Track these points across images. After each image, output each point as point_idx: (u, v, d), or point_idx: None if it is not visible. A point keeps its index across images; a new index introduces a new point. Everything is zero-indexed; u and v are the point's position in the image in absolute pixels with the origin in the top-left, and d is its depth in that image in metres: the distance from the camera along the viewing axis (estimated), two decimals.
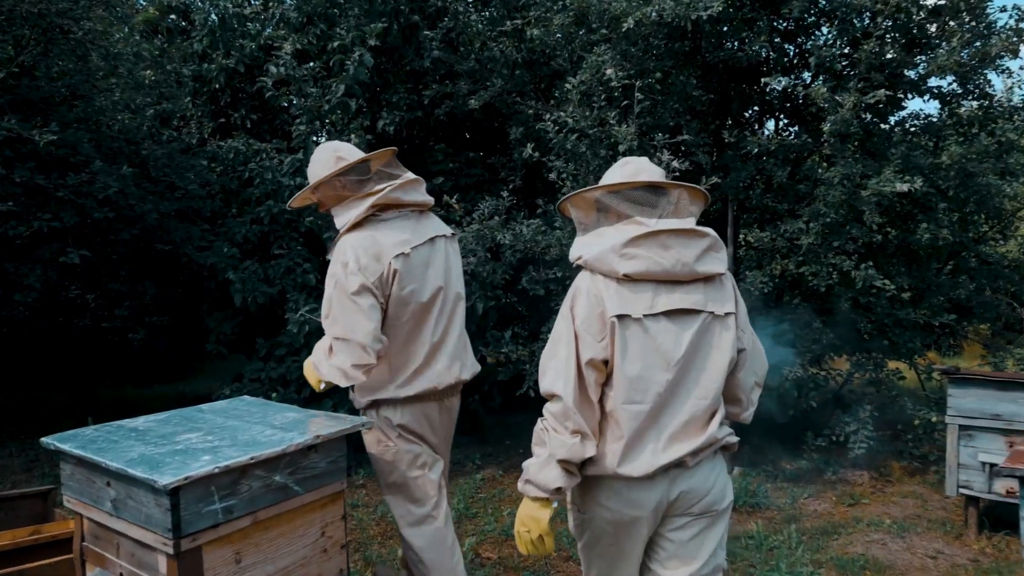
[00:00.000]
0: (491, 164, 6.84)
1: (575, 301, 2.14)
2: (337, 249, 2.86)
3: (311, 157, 3.02)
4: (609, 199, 2.17)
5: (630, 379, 2.06)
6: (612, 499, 2.15)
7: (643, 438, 2.08)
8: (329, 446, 2.56)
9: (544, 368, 2.17)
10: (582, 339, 2.09)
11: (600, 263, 2.10)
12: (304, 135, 5.94)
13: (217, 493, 2.23)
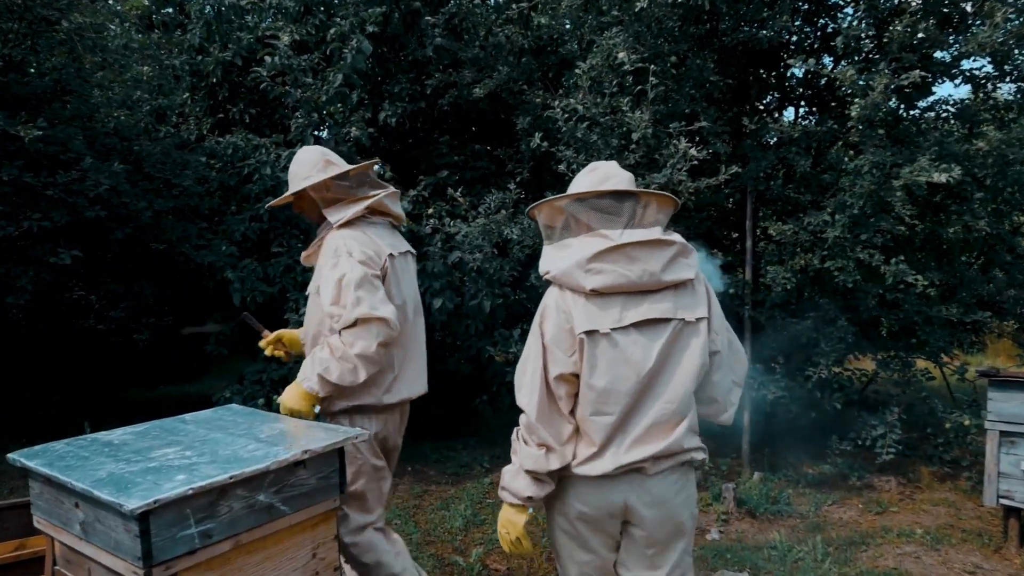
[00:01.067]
0: (497, 156, 6.61)
1: (544, 317, 2.18)
2: (334, 241, 2.82)
3: (295, 158, 3.00)
4: (575, 208, 2.17)
5: (598, 392, 2.11)
6: (578, 498, 2.22)
7: (610, 444, 2.14)
8: (319, 461, 2.33)
9: (519, 383, 2.23)
10: (552, 354, 2.14)
11: (567, 278, 2.12)
12: (302, 128, 5.72)
13: (193, 516, 2.00)
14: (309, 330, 2.96)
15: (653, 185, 4.99)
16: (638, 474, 2.15)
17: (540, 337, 2.18)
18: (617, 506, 2.19)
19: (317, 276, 2.90)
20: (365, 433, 2.46)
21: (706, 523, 4.66)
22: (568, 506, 2.26)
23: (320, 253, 2.90)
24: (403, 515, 4.86)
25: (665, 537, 2.24)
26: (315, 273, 2.94)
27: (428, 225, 5.83)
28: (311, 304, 2.96)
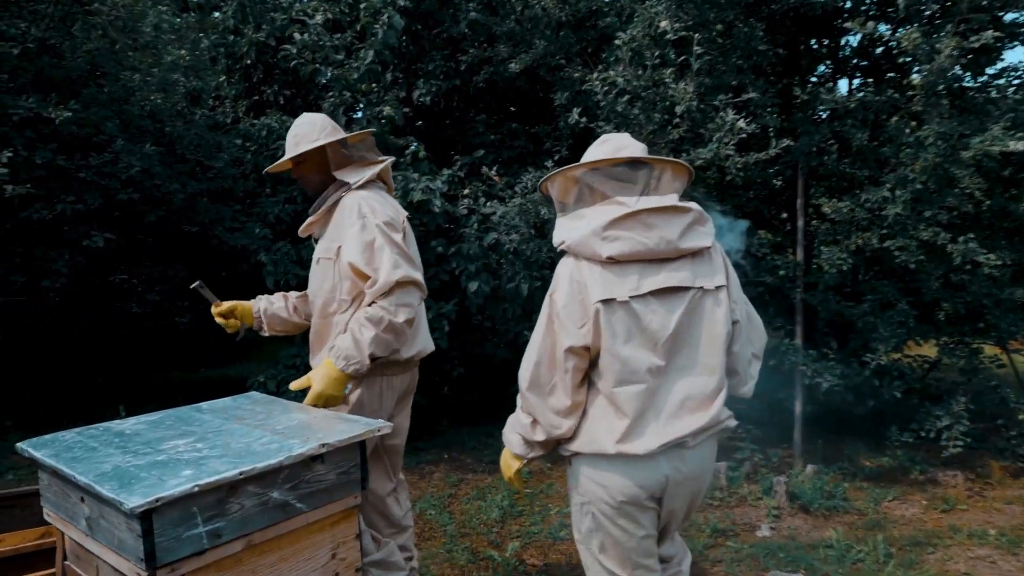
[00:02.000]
0: (535, 134, 6.40)
1: (556, 287, 2.14)
2: (354, 202, 2.71)
3: (296, 123, 2.87)
4: (590, 177, 2.13)
5: (622, 361, 2.05)
6: (612, 479, 2.13)
7: (644, 417, 2.07)
8: (338, 455, 2.17)
9: (527, 354, 2.21)
10: (562, 325, 2.09)
11: (583, 247, 2.08)
12: (335, 107, 5.57)
13: (201, 514, 1.86)
14: (318, 298, 2.80)
15: (699, 161, 4.74)
16: (679, 448, 2.11)
17: (550, 307, 2.14)
18: (660, 483, 2.13)
19: (333, 239, 2.75)
20: (388, 425, 2.29)
21: (756, 519, 4.43)
22: (607, 490, 2.15)
23: (336, 215, 2.76)
24: (438, 505, 4.71)
25: (688, 507, 2.25)
26: (326, 237, 2.79)
27: (463, 206, 5.65)
28: (322, 271, 2.78)
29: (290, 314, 3.06)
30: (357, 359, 2.54)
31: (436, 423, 6.35)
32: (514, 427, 2.33)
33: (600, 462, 2.15)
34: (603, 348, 2.07)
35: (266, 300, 3.09)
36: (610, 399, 2.10)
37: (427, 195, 5.31)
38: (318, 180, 2.85)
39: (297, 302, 3.08)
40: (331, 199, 2.79)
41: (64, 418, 5.80)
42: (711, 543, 4.11)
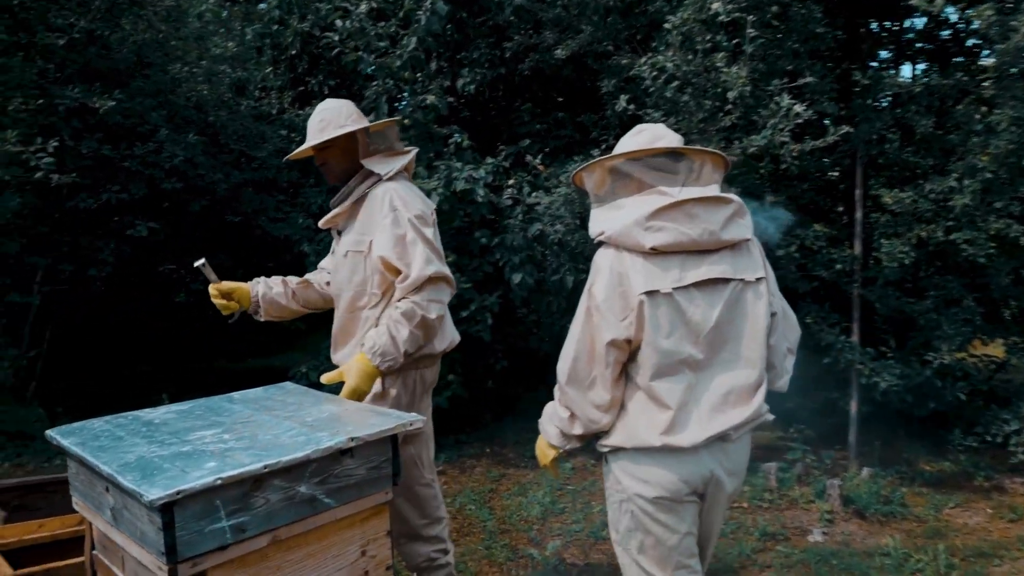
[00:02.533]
0: (581, 123, 6.24)
1: (596, 278, 2.08)
2: (385, 194, 2.63)
3: (321, 108, 2.76)
4: (630, 167, 2.09)
5: (662, 354, 2.01)
6: (657, 474, 2.07)
7: (687, 410, 2.03)
8: (368, 449, 2.08)
9: (565, 348, 2.16)
10: (603, 318, 2.04)
11: (625, 237, 2.03)
12: (378, 95, 5.51)
13: (224, 508, 1.78)
14: (345, 292, 2.72)
15: (751, 149, 4.56)
16: (721, 442, 2.08)
17: (590, 299, 2.08)
18: (704, 477, 2.08)
19: (363, 232, 2.66)
20: (421, 419, 2.19)
21: (807, 523, 4.25)
22: (649, 485, 2.09)
23: (365, 208, 2.67)
24: (478, 500, 4.62)
25: (728, 502, 2.22)
26: (354, 230, 2.70)
27: (508, 196, 5.55)
28: (351, 265, 2.69)
29: (288, 300, 2.98)
30: (393, 355, 2.50)
31: (479, 416, 6.28)
32: (551, 419, 2.28)
33: (641, 457, 2.10)
34: (645, 341, 2.02)
35: (264, 284, 2.99)
36: (649, 392, 2.06)
37: (470, 184, 5.22)
38: (342, 168, 2.74)
39: (297, 288, 2.99)
40: (359, 190, 2.70)
41: (110, 405, 5.86)
42: (760, 547, 3.95)
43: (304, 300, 2.99)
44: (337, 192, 2.82)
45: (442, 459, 5.42)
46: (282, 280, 3.00)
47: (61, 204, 5.11)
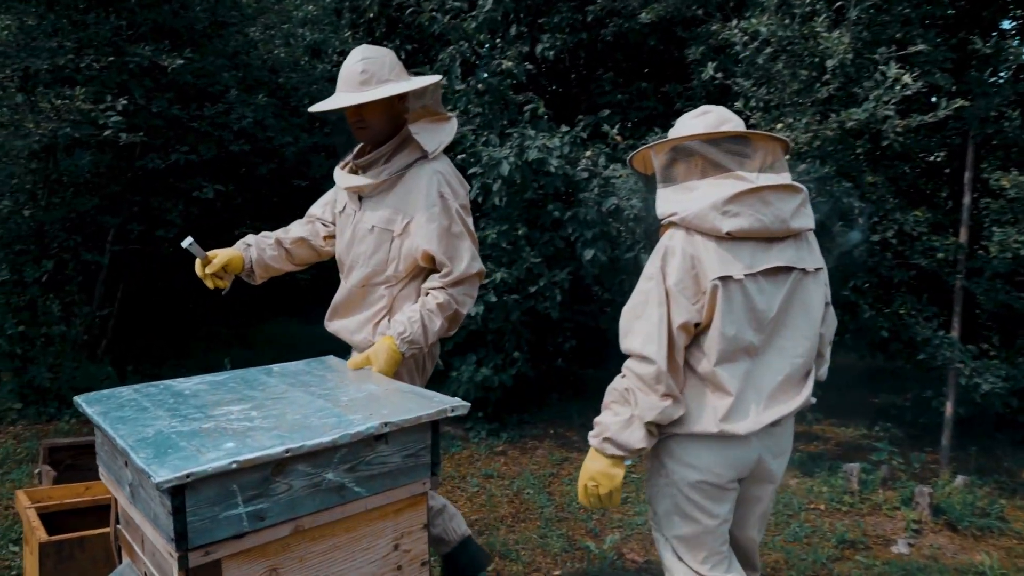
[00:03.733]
0: (665, 94, 5.91)
1: (666, 260, 2.05)
2: (432, 176, 2.45)
3: (364, 55, 2.44)
4: (706, 149, 2.08)
5: (728, 340, 2.01)
6: (705, 460, 2.07)
7: (745, 397, 2.04)
8: (405, 435, 1.90)
9: (629, 327, 2.08)
10: (675, 301, 2.02)
11: (700, 220, 2.01)
12: (451, 57, 5.31)
13: (241, 493, 1.64)
14: (360, 267, 2.54)
15: (850, 124, 4.18)
16: (772, 427, 2.08)
17: (662, 281, 2.03)
18: (752, 462, 2.11)
19: (399, 210, 2.46)
20: (465, 405, 2.00)
21: (891, 531, 3.90)
22: (697, 471, 2.08)
23: (405, 183, 2.46)
24: (537, 484, 4.44)
25: (777, 484, 2.24)
26: (387, 205, 2.47)
27: (583, 168, 5.29)
28: (375, 240, 2.50)
29: (283, 262, 2.79)
30: (420, 344, 2.42)
31: (544, 396, 6.08)
32: (626, 425, 2.05)
33: (693, 443, 2.09)
34: (713, 326, 2.02)
35: (256, 247, 2.73)
36: (710, 378, 2.05)
37: (543, 154, 4.98)
38: (381, 129, 2.48)
39: (292, 247, 2.77)
40: (399, 163, 2.47)
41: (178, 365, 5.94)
42: (836, 555, 3.65)
43: (299, 259, 2.81)
44: (362, 152, 2.60)
45: (504, 438, 5.26)
46: (276, 240, 2.76)
47: (132, 164, 5.10)
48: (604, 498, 2.13)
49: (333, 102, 2.43)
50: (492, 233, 5.22)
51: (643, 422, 2.03)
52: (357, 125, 2.47)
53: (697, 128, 2.11)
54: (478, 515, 4.00)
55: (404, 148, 2.49)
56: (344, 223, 2.62)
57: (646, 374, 2.01)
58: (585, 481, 2.14)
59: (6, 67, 4.58)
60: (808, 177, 4.49)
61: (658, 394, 2.01)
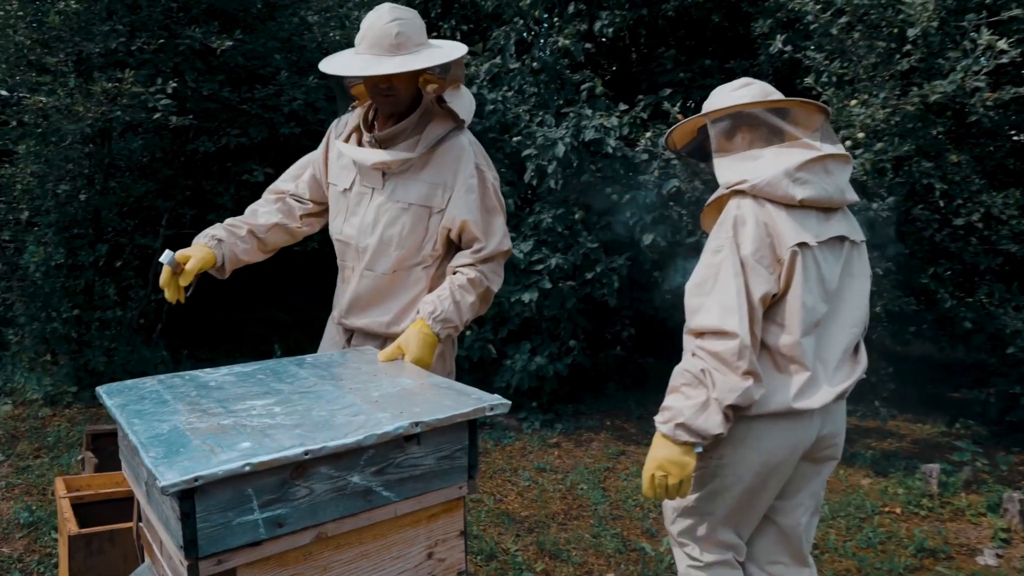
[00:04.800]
0: (730, 70, 5.62)
1: (739, 229, 1.96)
2: (467, 147, 2.31)
3: (393, 13, 2.19)
4: (772, 117, 2.06)
5: (807, 311, 1.97)
6: (769, 439, 1.99)
7: (816, 371, 2.00)
8: (439, 436, 1.74)
9: (700, 303, 1.96)
10: (754, 271, 1.93)
11: (773, 188, 1.96)
12: (505, 35, 5.12)
13: (257, 498, 1.50)
14: (396, 252, 2.34)
15: (934, 97, 3.87)
16: (833, 401, 2.03)
17: (736, 251, 1.93)
18: (812, 440, 2.04)
19: (436, 183, 2.29)
20: (505, 403, 1.82)
21: (976, 540, 3.61)
22: (759, 451, 2.00)
23: (440, 155, 2.28)
24: (591, 479, 4.26)
25: (834, 464, 2.20)
26: (422, 179, 2.29)
27: (643, 149, 5.06)
28: (412, 219, 2.31)
29: (255, 254, 2.49)
30: (454, 323, 2.25)
31: (600, 386, 5.89)
32: (703, 408, 1.90)
33: (757, 423, 1.98)
34: (792, 296, 1.96)
35: (229, 244, 2.39)
36: (789, 352, 1.97)
37: (600, 134, 4.77)
38: (405, 98, 2.27)
39: (267, 235, 2.48)
40: (435, 133, 2.28)
41: (232, 351, 5.93)
42: (915, 564, 3.39)
43: (272, 246, 2.54)
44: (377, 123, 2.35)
45: (558, 430, 5.10)
46: (249, 230, 2.45)
47: (184, 148, 5.07)
48: (673, 489, 1.97)
49: (368, 66, 2.14)
50: (547, 217, 5.04)
51: (722, 405, 1.89)
52: (385, 93, 2.22)
53: (745, 98, 2.07)
54: (529, 511, 3.84)
55: (432, 119, 2.31)
56: (354, 203, 2.38)
57: (726, 350, 1.88)
58: (653, 471, 1.98)
59: (60, 51, 4.57)
60: (886, 156, 4.18)
61: (739, 372, 1.88)
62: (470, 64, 5.79)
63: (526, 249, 4.99)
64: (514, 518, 3.74)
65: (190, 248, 2.34)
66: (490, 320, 5.39)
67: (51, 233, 4.93)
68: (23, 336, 4.94)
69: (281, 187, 2.55)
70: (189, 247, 2.34)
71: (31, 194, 4.97)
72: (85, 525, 2.46)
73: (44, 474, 3.87)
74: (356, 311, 2.45)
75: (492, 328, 5.39)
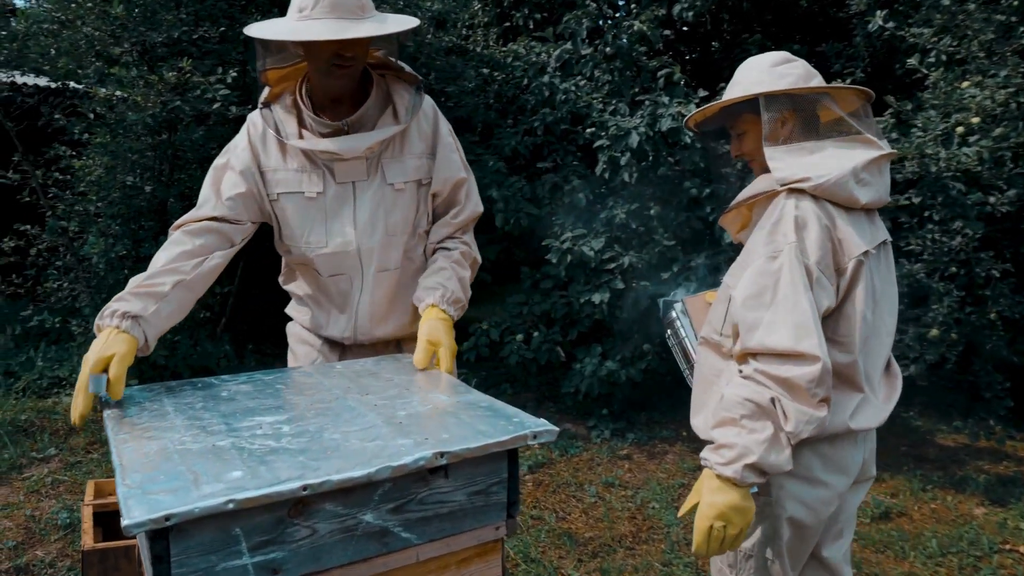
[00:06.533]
0: (820, 54, 5.17)
1: (804, 233, 1.71)
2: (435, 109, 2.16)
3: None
4: (833, 105, 1.84)
5: (867, 324, 1.76)
6: (820, 470, 1.77)
7: (866, 387, 1.78)
8: (471, 467, 1.46)
9: (758, 319, 1.67)
10: (819, 283, 1.69)
11: (839, 188, 1.74)
12: (577, 20, 4.82)
13: (246, 540, 1.26)
14: (399, 239, 2.09)
15: None
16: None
17: (799, 258, 1.67)
18: (861, 461, 1.86)
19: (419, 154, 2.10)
20: (553, 430, 1.53)
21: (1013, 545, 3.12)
22: (809, 483, 1.77)
23: (417, 124, 2.08)
24: (664, 497, 3.92)
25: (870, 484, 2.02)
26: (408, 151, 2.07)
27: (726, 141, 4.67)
28: (406, 200, 2.08)
29: (182, 313, 1.94)
30: (462, 303, 2.08)
31: (677, 394, 5.51)
32: (773, 442, 1.61)
33: (807, 450, 1.73)
34: (852, 310, 1.74)
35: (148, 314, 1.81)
36: (846, 371, 1.74)
37: (678, 122, 4.41)
38: (359, 71, 1.98)
39: (204, 283, 1.97)
40: (410, 100, 2.03)
41: None
42: None
43: (203, 291, 2.00)
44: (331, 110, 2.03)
45: (629, 440, 4.77)
46: (177, 284, 1.88)
47: None
48: (730, 541, 1.66)
49: (344, 30, 1.81)
50: (620, 213, 4.72)
51: (796, 439, 1.61)
52: (346, 64, 1.89)
53: (800, 79, 1.82)
54: (593, 532, 3.53)
55: (396, 86, 2.06)
56: (335, 206, 2.04)
57: (802, 376, 1.59)
58: (711, 521, 1.64)
59: (125, 41, 4.51)
60: (1006, 144, 3.70)
61: (815, 401, 1.61)
62: (540, 52, 5.53)
63: (597, 247, 4.69)
64: (577, 540, 3.45)
65: (102, 344, 1.72)
66: (559, 321, 5.11)
67: (116, 224, 4.89)
68: (88, 327, 4.92)
69: (208, 213, 2.04)
70: (100, 341, 1.73)
71: (100, 186, 4.95)
72: (109, 535, 2.29)
73: (92, 471, 3.79)
74: (376, 321, 2.16)
75: (560, 330, 5.11)
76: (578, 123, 5.17)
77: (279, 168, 2.04)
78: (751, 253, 1.78)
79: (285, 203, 2.06)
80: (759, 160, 1.90)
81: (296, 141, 1.99)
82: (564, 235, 4.77)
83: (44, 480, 3.73)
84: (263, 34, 1.90)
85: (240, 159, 2.05)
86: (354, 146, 1.97)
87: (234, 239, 2.06)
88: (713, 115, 2.02)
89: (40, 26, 4.46)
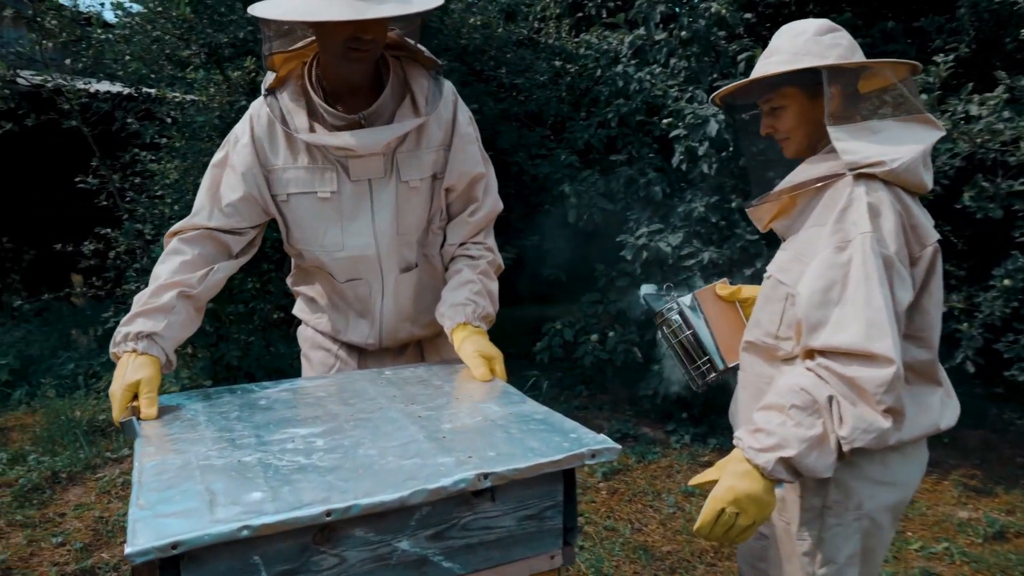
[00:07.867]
0: (918, 30, 4.79)
1: (880, 221, 1.53)
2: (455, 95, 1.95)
3: None
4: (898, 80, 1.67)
5: (940, 318, 1.65)
6: (903, 472, 1.63)
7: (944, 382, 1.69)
8: (522, 490, 1.30)
9: (826, 315, 1.50)
10: (899, 276, 1.52)
11: (911, 173, 1.58)
12: (649, 3, 4.59)
13: (266, 568, 1.14)
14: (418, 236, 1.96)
15: None
16: None
17: (875, 248, 1.49)
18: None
19: (435, 146, 1.89)
20: (615, 448, 1.35)
21: None
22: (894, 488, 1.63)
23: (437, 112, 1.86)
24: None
25: None
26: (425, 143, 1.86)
27: None
28: (421, 197, 1.91)
29: (194, 323, 1.84)
30: (492, 318, 1.93)
31: None
32: (818, 444, 1.44)
33: (890, 453, 1.59)
34: (929, 303, 1.62)
35: (161, 328, 1.71)
36: (926, 369, 1.63)
37: None
38: (378, 54, 1.78)
39: (203, 290, 1.83)
40: (426, 85, 1.85)
41: None
42: None
43: (209, 298, 1.90)
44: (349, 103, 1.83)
45: (711, 446, 4.51)
46: (177, 293, 1.76)
47: None
48: (737, 531, 1.50)
49: (363, 9, 1.60)
50: (699, 206, 4.47)
51: (848, 446, 1.44)
52: (364, 48, 1.70)
53: (850, 49, 1.65)
54: (672, 546, 3.31)
55: (413, 72, 1.87)
56: (351, 206, 1.87)
57: (871, 379, 1.43)
58: (725, 505, 1.48)
59: (193, 43, 4.53)
60: None
61: (880, 408, 1.44)
62: (613, 40, 5.34)
63: (675, 242, 4.45)
64: (654, 554, 3.23)
65: (124, 371, 1.62)
66: (635, 321, 4.89)
67: None
68: None
69: (198, 223, 1.89)
70: (121, 369, 1.64)
71: (175, 189, 4.99)
72: None
73: None
74: (402, 325, 2.03)
75: (637, 330, 4.88)
76: (654, 113, 4.94)
77: (288, 166, 1.85)
78: (808, 245, 1.61)
79: (296, 204, 1.87)
80: (796, 139, 1.73)
81: (308, 136, 1.80)
82: (640, 230, 4.55)
83: (115, 481, 3.75)
84: (270, 13, 1.67)
85: (242, 158, 1.86)
86: (373, 141, 1.77)
87: (233, 249, 1.92)
88: (743, 88, 1.77)
89: (113, 32, 4.51)
